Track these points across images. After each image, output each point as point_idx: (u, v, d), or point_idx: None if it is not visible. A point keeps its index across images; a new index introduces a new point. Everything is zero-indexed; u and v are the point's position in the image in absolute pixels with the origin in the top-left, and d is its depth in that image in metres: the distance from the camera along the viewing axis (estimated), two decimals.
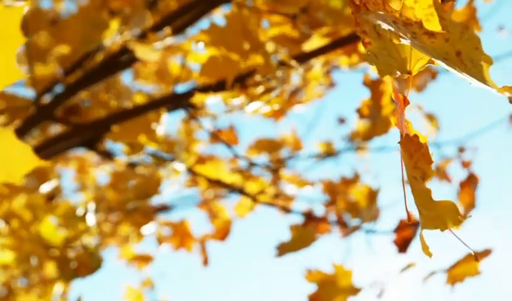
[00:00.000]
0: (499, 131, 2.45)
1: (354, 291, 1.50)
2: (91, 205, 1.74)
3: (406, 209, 0.61)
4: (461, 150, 2.50)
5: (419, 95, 2.26)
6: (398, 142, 0.62)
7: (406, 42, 0.57)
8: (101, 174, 2.82)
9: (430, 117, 2.43)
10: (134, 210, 2.22)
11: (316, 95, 2.20)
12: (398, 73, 0.65)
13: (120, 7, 1.91)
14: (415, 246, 1.59)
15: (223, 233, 2.50)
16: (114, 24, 1.74)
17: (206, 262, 2.50)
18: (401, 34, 0.56)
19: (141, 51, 1.42)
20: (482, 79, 0.53)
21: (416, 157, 0.61)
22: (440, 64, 0.61)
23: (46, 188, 1.74)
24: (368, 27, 0.63)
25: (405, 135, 0.60)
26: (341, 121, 2.77)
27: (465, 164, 2.49)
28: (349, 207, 1.87)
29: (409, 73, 0.66)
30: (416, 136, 0.61)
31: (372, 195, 1.87)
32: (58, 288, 2.16)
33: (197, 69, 1.86)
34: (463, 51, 0.54)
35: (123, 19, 1.79)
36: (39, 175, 1.91)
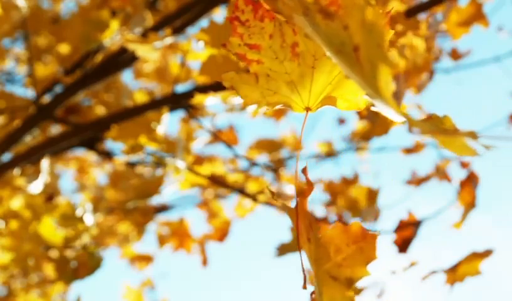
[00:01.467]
0: (499, 131, 2.45)
1: (356, 291, 1.50)
2: (91, 205, 1.73)
3: (304, 276, 0.48)
4: None
5: (419, 95, 2.26)
6: (321, 233, 0.48)
7: (298, 21, 0.42)
8: (101, 173, 2.82)
9: None
10: (134, 209, 2.22)
11: None
12: (281, 106, 0.53)
13: (121, 6, 1.91)
14: (415, 246, 1.59)
15: (221, 233, 2.49)
16: (114, 24, 1.74)
17: (205, 262, 2.50)
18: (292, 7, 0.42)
19: (141, 50, 1.42)
20: (374, 90, 0.37)
21: (348, 251, 0.48)
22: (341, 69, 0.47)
23: (38, 185, 1.73)
24: (267, 43, 0.51)
25: (336, 221, 0.48)
26: (341, 121, 2.77)
27: (465, 165, 2.48)
28: (350, 206, 1.87)
29: (308, 109, 0.53)
30: (357, 224, 0.48)
31: (372, 195, 1.87)
32: (58, 288, 2.16)
33: (197, 69, 1.86)
34: (362, 46, 0.38)
35: (123, 18, 1.79)
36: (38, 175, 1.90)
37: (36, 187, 1.72)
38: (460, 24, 1.37)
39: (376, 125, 1.73)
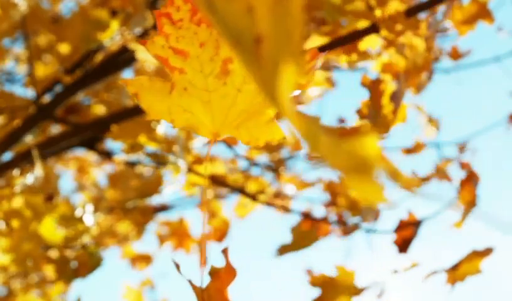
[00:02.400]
0: (499, 131, 2.46)
1: (357, 291, 1.50)
2: (91, 205, 1.73)
3: None
4: (461, 150, 2.50)
5: (418, 95, 2.26)
6: None
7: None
8: (101, 173, 2.82)
9: (430, 118, 2.42)
10: (134, 209, 2.22)
11: (316, 95, 2.20)
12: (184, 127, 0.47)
13: (121, 6, 1.91)
14: (415, 246, 1.59)
15: (220, 234, 2.49)
16: (114, 24, 1.74)
17: (204, 262, 2.50)
18: None
19: (141, 51, 1.42)
20: (271, 94, 0.28)
21: None
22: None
23: (32, 175, 1.73)
24: (196, 51, 0.45)
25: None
26: (341, 121, 2.77)
27: (464, 165, 2.48)
28: (350, 206, 1.87)
29: (216, 135, 0.47)
30: None
31: None
32: (58, 288, 2.16)
33: None
34: (269, 36, 0.26)
35: (123, 18, 1.79)
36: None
37: (30, 178, 1.72)
38: (465, 21, 1.37)
39: (375, 124, 1.73)
